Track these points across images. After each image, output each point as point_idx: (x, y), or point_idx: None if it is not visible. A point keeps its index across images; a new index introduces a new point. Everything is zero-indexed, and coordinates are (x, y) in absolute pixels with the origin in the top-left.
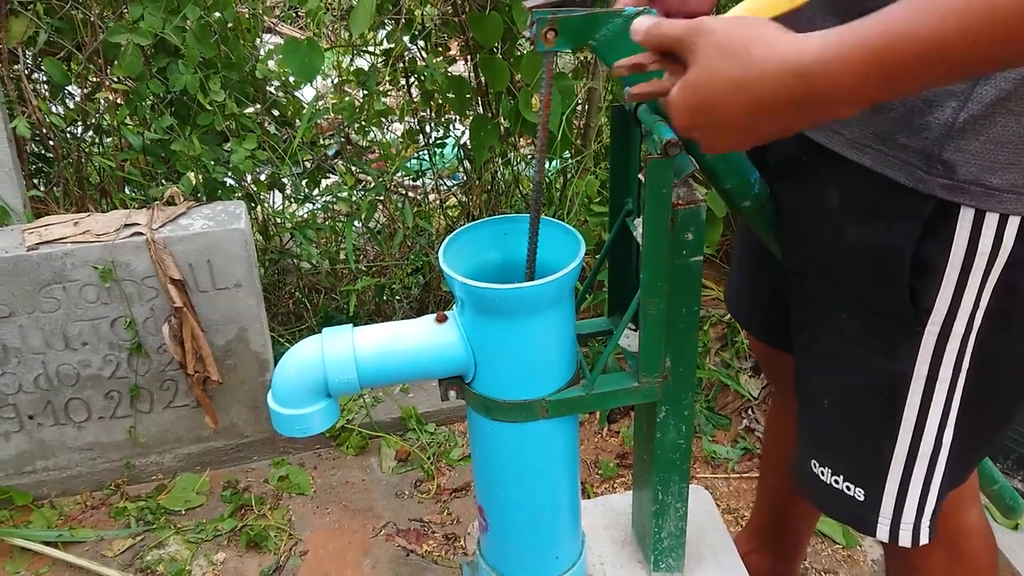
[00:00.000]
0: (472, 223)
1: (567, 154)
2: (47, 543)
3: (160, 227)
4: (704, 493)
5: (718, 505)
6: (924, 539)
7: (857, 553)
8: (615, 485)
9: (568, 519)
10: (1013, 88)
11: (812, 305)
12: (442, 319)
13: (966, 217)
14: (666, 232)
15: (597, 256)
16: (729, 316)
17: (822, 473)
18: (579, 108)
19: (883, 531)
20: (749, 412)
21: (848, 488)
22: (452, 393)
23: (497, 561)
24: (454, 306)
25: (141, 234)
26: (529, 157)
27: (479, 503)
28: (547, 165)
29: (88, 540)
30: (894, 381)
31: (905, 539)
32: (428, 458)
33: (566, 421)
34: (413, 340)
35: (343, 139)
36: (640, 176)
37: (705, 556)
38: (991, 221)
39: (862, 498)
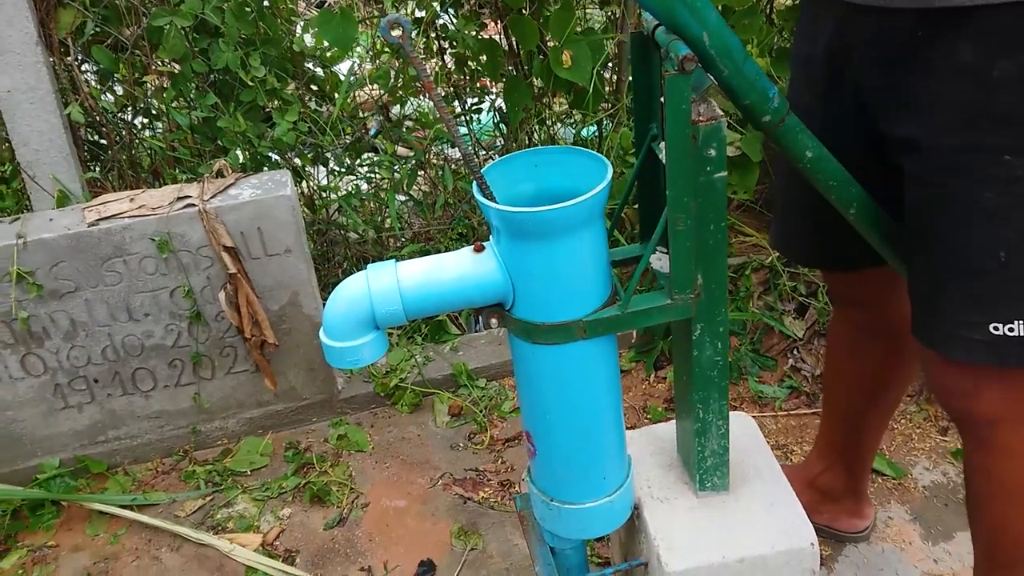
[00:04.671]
0: (504, 156)
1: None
2: (123, 506)
3: (211, 198)
4: (748, 418)
5: (767, 441)
6: None
7: (908, 481)
8: None
9: (613, 439)
10: None
11: (958, 170)
12: (479, 248)
13: None
14: (688, 149)
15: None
16: (770, 260)
17: (1011, 329)
18: (610, 64)
19: None
20: (794, 352)
21: None
22: (494, 321)
23: (547, 485)
24: (491, 236)
25: (193, 205)
26: (563, 116)
27: (525, 429)
28: (583, 130)
29: (161, 502)
30: None
31: None
32: (480, 411)
33: (604, 342)
34: (453, 270)
35: (382, 116)
36: (662, 99)
37: (750, 476)
38: None
39: None
